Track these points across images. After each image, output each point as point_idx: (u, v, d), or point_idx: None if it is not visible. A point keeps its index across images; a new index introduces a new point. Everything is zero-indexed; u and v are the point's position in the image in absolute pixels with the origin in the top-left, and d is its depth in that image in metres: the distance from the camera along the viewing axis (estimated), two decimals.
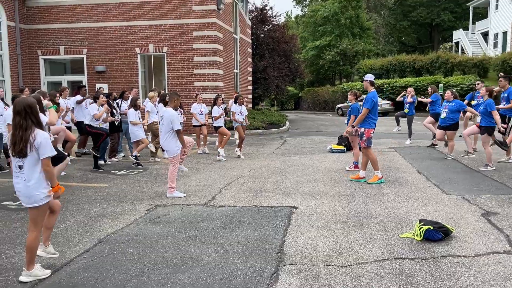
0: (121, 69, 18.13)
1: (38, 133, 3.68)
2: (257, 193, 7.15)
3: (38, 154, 3.69)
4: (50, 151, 3.72)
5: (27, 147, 3.63)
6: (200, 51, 17.54)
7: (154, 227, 5.35)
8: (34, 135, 3.65)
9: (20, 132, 3.65)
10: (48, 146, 3.71)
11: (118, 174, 8.93)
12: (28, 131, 3.65)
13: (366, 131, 7.79)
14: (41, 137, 3.68)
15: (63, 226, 5.40)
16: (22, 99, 3.75)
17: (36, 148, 3.65)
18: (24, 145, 3.62)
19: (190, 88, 17.68)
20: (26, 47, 18.48)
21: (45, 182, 3.77)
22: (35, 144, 3.64)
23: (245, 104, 12.85)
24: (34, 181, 3.70)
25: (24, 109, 3.66)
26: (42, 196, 3.74)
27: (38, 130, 3.71)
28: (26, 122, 3.67)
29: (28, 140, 3.62)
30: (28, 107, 3.68)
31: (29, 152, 3.64)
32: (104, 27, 18.03)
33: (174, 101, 7.00)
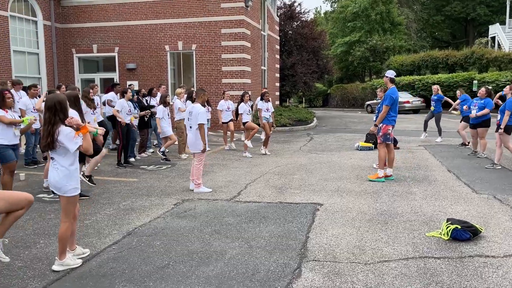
0: (151, 67, 18.48)
1: (61, 130, 3.82)
2: (282, 190, 7.18)
3: (65, 148, 3.84)
4: (74, 145, 3.86)
5: (53, 141, 3.79)
6: (228, 48, 17.65)
7: (181, 221, 5.47)
8: (58, 131, 3.80)
9: (48, 127, 3.80)
10: (71, 141, 3.83)
11: (147, 169, 9.14)
12: (54, 127, 3.80)
13: (383, 127, 7.70)
14: (63, 133, 3.82)
15: (94, 218, 5.60)
16: (53, 96, 3.92)
17: (60, 144, 3.81)
18: (51, 139, 3.78)
19: (217, 85, 17.84)
20: (61, 46, 19.09)
21: (75, 175, 3.93)
22: (58, 140, 3.79)
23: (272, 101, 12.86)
24: (63, 172, 3.87)
25: (55, 106, 3.83)
26: (70, 187, 3.90)
27: (62, 126, 3.84)
28: (54, 118, 3.83)
29: (54, 135, 3.78)
30: (58, 104, 3.84)
31: (54, 147, 3.81)
32: (135, 25, 18.42)
33: (201, 97, 7.11)
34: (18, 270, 3.99)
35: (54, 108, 3.84)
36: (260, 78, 20.88)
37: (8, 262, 3.99)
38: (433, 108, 12.84)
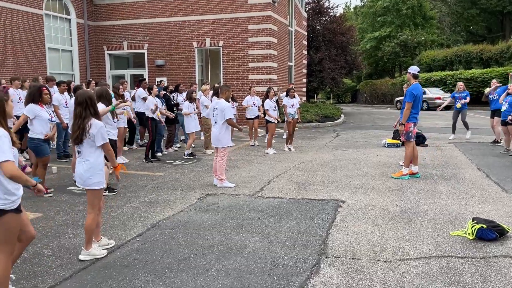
0: (179, 63, 18.73)
1: (93, 123, 3.98)
2: (305, 186, 7.18)
3: (93, 142, 4.00)
4: (102, 139, 4.03)
5: (83, 134, 3.94)
6: (255, 44, 17.68)
7: (203, 215, 5.56)
8: (90, 124, 3.96)
9: (79, 121, 3.96)
10: (101, 135, 4.02)
11: (173, 164, 9.31)
12: (86, 120, 3.96)
13: (405, 124, 7.56)
14: (96, 127, 3.98)
15: (120, 211, 5.77)
16: (83, 92, 4.08)
17: (91, 136, 3.96)
18: (80, 132, 3.94)
19: (244, 81, 17.91)
20: (94, 43, 19.61)
21: (100, 168, 4.07)
22: (90, 132, 3.94)
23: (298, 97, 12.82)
24: (89, 166, 4.02)
25: (85, 101, 3.98)
26: (95, 181, 4.04)
27: (94, 119, 4.01)
28: (85, 112, 3.98)
29: (85, 128, 3.93)
30: (89, 99, 4.00)
31: (85, 139, 3.96)
32: (164, 23, 18.70)
33: (225, 93, 7.18)
34: (47, 259, 4.17)
35: (85, 103, 4.00)
36: (287, 74, 20.83)
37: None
38: (459, 105, 12.48)
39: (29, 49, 16.17)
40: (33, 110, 6.29)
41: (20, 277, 3.76)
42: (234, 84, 17.78)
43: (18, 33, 15.71)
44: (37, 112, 6.32)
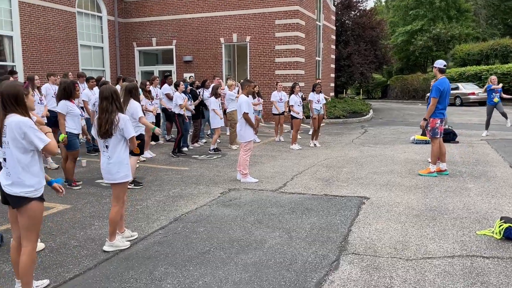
0: (207, 59, 18.88)
1: (120, 117, 4.08)
2: (329, 182, 7.12)
3: (121, 135, 4.10)
4: (132, 131, 4.13)
5: (112, 128, 4.04)
6: (282, 39, 17.61)
7: (225, 209, 5.61)
8: (117, 118, 4.06)
9: (106, 115, 4.06)
10: (130, 127, 4.12)
11: (198, 159, 9.42)
12: (113, 114, 4.06)
13: (431, 120, 7.36)
14: (124, 119, 4.08)
15: (145, 204, 5.89)
16: (108, 86, 4.18)
17: (120, 130, 4.06)
18: (109, 126, 4.04)
19: (271, 76, 17.89)
20: (124, 40, 20.02)
21: (126, 162, 4.16)
22: (119, 126, 4.04)
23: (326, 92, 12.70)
24: (115, 159, 4.12)
25: (111, 95, 4.08)
26: (122, 174, 4.14)
27: (120, 113, 4.10)
28: (112, 106, 4.08)
29: (113, 122, 4.04)
30: (114, 93, 4.10)
31: (114, 133, 4.06)
32: (192, 19, 18.88)
33: (246, 88, 7.20)
34: (73, 249, 4.31)
35: (111, 97, 4.10)
36: (314, 69, 20.65)
37: None
38: (497, 99, 12.07)
39: (63, 46, 16.67)
40: (66, 106, 6.48)
41: (47, 266, 3.91)
42: (260, 80, 17.80)
43: (52, 30, 16.22)
44: (69, 108, 6.52)
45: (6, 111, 3.05)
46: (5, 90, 3.04)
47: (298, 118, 10.86)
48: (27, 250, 3.16)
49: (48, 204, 5.79)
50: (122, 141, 4.15)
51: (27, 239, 3.17)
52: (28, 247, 3.17)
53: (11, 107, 3.04)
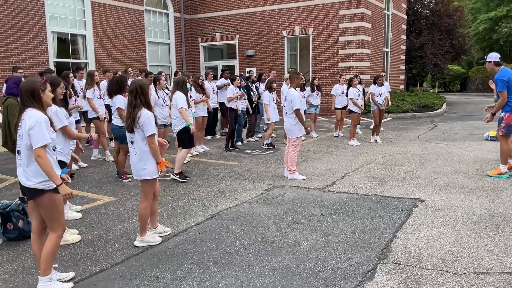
0: (269, 53, 18.71)
1: (143, 112, 4.01)
2: (383, 181, 6.63)
3: (143, 132, 4.03)
4: (151, 129, 4.02)
5: (133, 124, 3.99)
6: (346, 30, 16.93)
7: (265, 207, 5.41)
8: (140, 114, 3.99)
9: (130, 110, 4.02)
10: (150, 125, 4.01)
11: (250, 154, 9.30)
12: (136, 109, 4.01)
13: (506, 116, 6.51)
14: (145, 116, 3.99)
15: (187, 199, 5.86)
16: (136, 80, 4.13)
17: (140, 126, 3.99)
18: (131, 121, 3.99)
19: (334, 69, 17.30)
20: (189, 36, 20.48)
21: (152, 159, 4.09)
22: (139, 122, 3.98)
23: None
24: (140, 156, 4.07)
25: (136, 89, 4.03)
26: (148, 171, 4.08)
27: (144, 109, 4.03)
28: (135, 101, 4.03)
29: (135, 118, 3.98)
30: (139, 88, 4.04)
31: (135, 129, 4.00)
32: (254, 12, 18.79)
33: (295, 81, 6.91)
34: (107, 242, 4.36)
35: (136, 91, 4.05)
36: (382, 60, 19.64)
37: None
38: None
39: (131, 43, 17.40)
40: (123, 101, 6.63)
41: (78, 259, 3.97)
42: (323, 72, 17.29)
43: (122, 28, 16.98)
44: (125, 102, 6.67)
45: (24, 105, 3.10)
46: (23, 86, 3.11)
47: (356, 112, 10.32)
48: (51, 237, 3.25)
49: (96, 196, 6.01)
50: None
51: (50, 228, 3.25)
52: (52, 234, 3.25)
53: (28, 101, 3.09)
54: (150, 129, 4.02)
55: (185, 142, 6.77)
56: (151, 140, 4.04)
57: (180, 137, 6.82)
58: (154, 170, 4.13)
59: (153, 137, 4.05)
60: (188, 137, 6.72)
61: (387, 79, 20.77)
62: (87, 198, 5.93)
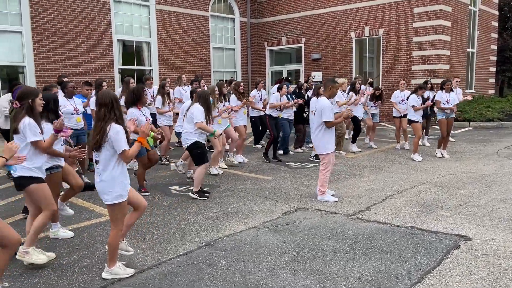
0: (336, 56, 17.68)
1: (113, 126, 3.54)
2: (429, 209, 5.52)
3: (112, 148, 3.56)
4: (124, 145, 3.57)
5: (103, 139, 3.53)
6: (421, 30, 15.34)
7: (272, 236, 4.68)
8: (109, 128, 3.53)
9: (101, 124, 3.56)
10: (122, 139, 3.56)
11: (291, 167, 8.55)
12: (107, 124, 3.55)
13: None
14: (115, 129, 3.54)
15: (193, 220, 5.33)
16: (107, 92, 3.67)
17: (110, 141, 3.53)
18: (100, 137, 3.54)
19: (407, 72, 15.78)
20: (255, 40, 20.15)
21: (119, 180, 3.62)
22: (109, 136, 3.51)
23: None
24: (106, 177, 3.61)
25: (111, 102, 3.57)
26: (114, 194, 3.61)
27: (113, 123, 3.56)
28: (109, 114, 3.57)
29: (105, 132, 3.52)
30: (114, 100, 3.59)
31: (103, 144, 3.54)
32: (321, 14, 17.89)
33: (329, 90, 6.06)
34: (78, 270, 3.95)
35: (111, 104, 3.59)
36: (465, 62, 17.56)
37: None
38: None
39: (196, 49, 17.49)
40: (135, 115, 6.33)
41: None
42: (395, 76, 15.86)
43: (186, 35, 17.13)
44: (138, 116, 6.36)
45: None
46: None
47: (418, 121, 9.06)
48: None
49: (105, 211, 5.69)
50: (115, 155, 3.61)
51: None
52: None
53: None
54: (124, 144, 3.57)
55: (197, 157, 6.26)
56: (126, 155, 3.60)
57: (191, 152, 6.34)
58: (122, 193, 3.65)
59: (127, 151, 3.60)
60: (199, 152, 6.21)
61: (471, 84, 18.57)
62: (95, 213, 5.67)
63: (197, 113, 6.15)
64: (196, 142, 6.20)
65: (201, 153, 6.24)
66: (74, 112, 6.98)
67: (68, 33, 13.54)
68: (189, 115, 6.21)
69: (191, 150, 6.32)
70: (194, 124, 6.19)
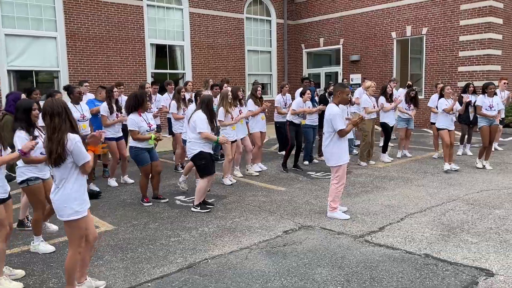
0: (375, 57, 16.77)
1: (70, 137, 3.21)
2: (452, 233, 4.80)
3: (71, 161, 3.24)
4: (86, 156, 3.27)
5: (64, 152, 3.20)
6: (468, 28, 14.14)
7: (262, 260, 4.18)
8: (67, 139, 3.20)
9: (58, 136, 3.22)
10: (82, 150, 3.25)
11: (311, 177, 7.97)
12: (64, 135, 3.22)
13: None
14: (73, 140, 3.21)
15: (183, 237, 4.93)
16: (56, 100, 3.32)
17: (69, 155, 3.20)
18: (61, 150, 3.20)
19: (452, 74, 14.61)
20: (292, 42, 19.59)
21: (74, 197, 3.28)
22: (67, 148, 3.19)
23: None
24: (62, 192, 3.29)
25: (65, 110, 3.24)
26: (70, 211, 3.28)
27: (70, 134, 3.23)
28: (64, 124, 3.24)
29: (64, 146, 3.19)
30: (66, 108, 3.26)
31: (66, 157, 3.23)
32: (360, 14, 17.04)
33: (338, 96, 5.47)
34: None
35: (65, 112, 3.27)
36: None
37: None
38: None
39: (230, 52, 17.24)
40: (135, 122, 6.07)
41: None
42: (439, 79, 14.72)
43: (220, 38, 16.92)
44: (138, 123, 6.09)
45: None
46: None
47: (445, 128, 8.18)
48: None
49: (100, 222, 5.49)
50: (72, 169, 3.27)
51: None
52: None
53: None
54: (86, 155, 3.26)
55: (201, 169, 5.86)
56: (88, 167, 3.30)
57: (195, 163, 5.95)
58: (78, 210, 3.31)
59: (88, 162, 3.29)
60: (204, 163, 5.81)
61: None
62: None
63: (199, 122, 5.78)
64: (200, 153, 5.82)
65: (205, 164, 5.85)
66: (80, 118, 6.83)
67: (101, 38, 13.70)
68: (192, 123, 5.85)
69: (195, 161, 5.95)
70: (197, 134, 5.83)
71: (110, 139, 7.30)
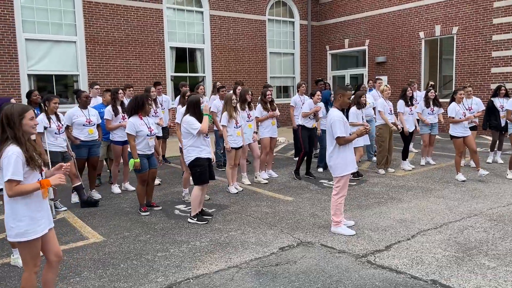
0: (402, 58, 16.04)
1: (5, 150, 2.91)
2: (467, 255, 4.26)
3: None
4: (7, 174, 2.85)
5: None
6: (503, 26, 13.26)
7: (248, 282, 3.81)
8: (3, 151, 2.92)
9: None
10: (9, 166, 2.85)
11: (322, 185, 7.52)
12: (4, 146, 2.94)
13: None
14: (6, 155, 2.89)
15: (173, 251, 4.62)
16: (8, 108, 3.05)
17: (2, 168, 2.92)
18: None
19: (484, 76, 13.74)
20: (316, 44, 19.10)
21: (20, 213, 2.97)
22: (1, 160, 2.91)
23: None
24: (6, 210, 3.02)
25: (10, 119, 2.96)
26: (16, 231, 2.97)
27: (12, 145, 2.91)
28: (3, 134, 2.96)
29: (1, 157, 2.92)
30: (10, 116, 2.95)
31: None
32: (387, 13, 16.37)
33: (339, 99, 5.02)
34: None
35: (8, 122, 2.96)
36: None
37: None
38: None
39: (251, 54, 16.94)
40: (134, 126, 5.84)
41: None
42: (470, 81, 13.90)
43: (241, 40, 16.65)
44: (137, 127, 5.85)
45: None
46: None
47: (459, 136, 7.54)
48: None
49: (91, 233, 5.31)
50: None
51: None
52: None
53: None
54: (8, 173, 2.86)
55: (195, 177, 5.53)
56: (9, 187, 2.88)
57: (190, 170, 5.63)
58: (27, 229, 2.97)
59: (11, 183, 2.87)
60: (198, 171, 5.48)
61: None
62: (78, 236, 5.20)
63: (191, 123, 5.43)
64: (196, 159, 5.49)
65: (201, 172, 5.52)
66: (86, 123, 6.68)
67: (120, 41, 13.70)
68: (183, 130, 5.52)
69: (191, 168, 5.64)
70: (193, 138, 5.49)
71: (116, 143, 7.17)
